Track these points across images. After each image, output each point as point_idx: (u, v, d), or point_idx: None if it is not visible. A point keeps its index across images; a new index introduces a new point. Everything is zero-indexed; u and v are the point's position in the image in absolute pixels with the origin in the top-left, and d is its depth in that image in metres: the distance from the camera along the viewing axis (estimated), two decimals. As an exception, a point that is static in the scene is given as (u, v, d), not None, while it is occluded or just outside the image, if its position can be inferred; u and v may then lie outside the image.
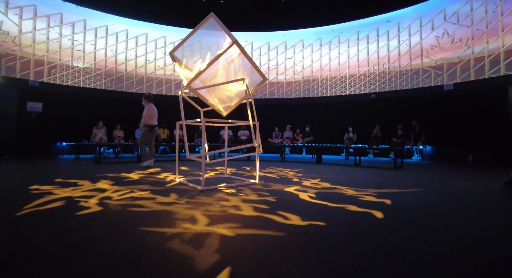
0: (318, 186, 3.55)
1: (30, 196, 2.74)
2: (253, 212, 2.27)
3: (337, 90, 10.78)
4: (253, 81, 4.06)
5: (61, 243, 1.54)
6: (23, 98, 8.42)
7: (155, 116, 5.72)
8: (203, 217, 2.10)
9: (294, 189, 3.36)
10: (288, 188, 3.43)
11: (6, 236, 1.66)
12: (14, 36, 8.39)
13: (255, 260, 1.36)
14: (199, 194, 2.99)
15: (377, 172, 5.30)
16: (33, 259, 1.34)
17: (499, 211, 2.46)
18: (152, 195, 2.91)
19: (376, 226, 1.95)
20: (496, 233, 1.85)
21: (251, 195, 2.98)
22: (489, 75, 7.73)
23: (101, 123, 9.12)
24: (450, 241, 1.66)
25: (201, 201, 2.67)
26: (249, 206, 2.45)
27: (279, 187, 3.50)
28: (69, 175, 4.25)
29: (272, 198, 2.81)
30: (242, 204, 2.54)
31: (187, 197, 2.85)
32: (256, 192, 3.13)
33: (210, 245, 1.54)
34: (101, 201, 2.59)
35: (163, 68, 11.07)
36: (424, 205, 2.57)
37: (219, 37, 3.65)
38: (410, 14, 9.48)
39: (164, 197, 2.80)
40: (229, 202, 2.64)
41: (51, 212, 2.20)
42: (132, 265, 1.29)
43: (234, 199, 2.75)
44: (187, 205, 2.48)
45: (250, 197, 2.88)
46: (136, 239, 1.63)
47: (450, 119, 8.35)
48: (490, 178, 4.58)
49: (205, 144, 3.80)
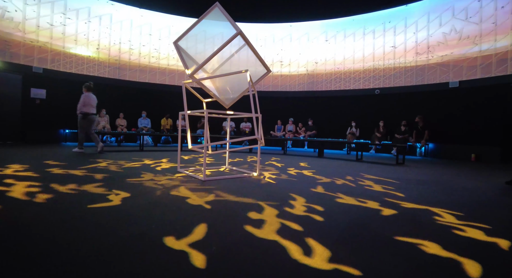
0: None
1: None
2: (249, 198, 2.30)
3: (341, 85, 10.70)
4: (257, 73, 4.03)
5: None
6: (27, 84, 8.44)
7: (90, 105, 6.11)
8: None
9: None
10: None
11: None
12: (18, 22, 8.34)
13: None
14: (202, 185, 3.01)
15: (378, 167, 5.31)
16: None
17: (499, 209, 2.46)
18: (154, 183, 2.94)
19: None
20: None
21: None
22: (496, 73, 7.63)
23: (104, 112, 9.15)
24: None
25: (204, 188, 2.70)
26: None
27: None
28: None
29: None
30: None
31: (191, 187, 2.88)
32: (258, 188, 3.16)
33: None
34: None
35: (167, 57, 11.01)
36: (421, 200, 2.58)
37: (224, 27, 3.61)
38: (418, 9, 9.31)
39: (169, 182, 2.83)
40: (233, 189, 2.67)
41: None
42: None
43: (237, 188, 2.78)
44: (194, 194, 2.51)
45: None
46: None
47: (454, 117, 8.30)
48: (493, 177, 4.58)
49: (208, 135, 3.81)
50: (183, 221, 1.77)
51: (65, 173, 3.31)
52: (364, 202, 2.47)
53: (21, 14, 8.39)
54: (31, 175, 3.06)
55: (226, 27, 3.53)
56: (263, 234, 1.60)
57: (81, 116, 6.06)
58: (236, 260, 1.26)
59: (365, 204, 2.39)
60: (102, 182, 2.89)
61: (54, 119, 8.75)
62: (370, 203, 2.43)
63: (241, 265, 1.21)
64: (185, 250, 1.33)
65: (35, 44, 8.65)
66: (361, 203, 2.43)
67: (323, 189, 3.00)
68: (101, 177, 3.19)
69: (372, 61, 10.20)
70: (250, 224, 1.75)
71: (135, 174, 3.48)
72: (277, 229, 1.69)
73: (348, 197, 2.65)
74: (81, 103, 6.05)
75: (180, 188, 2.79)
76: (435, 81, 8.79)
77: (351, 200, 2.51)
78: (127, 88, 10.27)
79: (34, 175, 3.11)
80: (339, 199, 2.54)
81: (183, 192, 2.62)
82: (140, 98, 10.45)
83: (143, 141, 7.86)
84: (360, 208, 2.28)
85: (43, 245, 1.33)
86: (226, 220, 1.85)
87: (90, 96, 6.16)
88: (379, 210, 2.23)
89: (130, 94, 10.32)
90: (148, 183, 2.97)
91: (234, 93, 4.11)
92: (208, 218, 1.86)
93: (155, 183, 2.99)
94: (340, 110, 10.53)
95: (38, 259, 1.19)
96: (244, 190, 2.80)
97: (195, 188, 2.81)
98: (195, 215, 1.92)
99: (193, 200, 2.33)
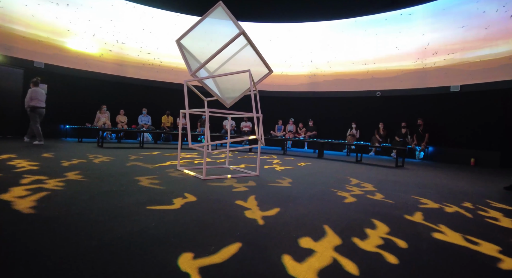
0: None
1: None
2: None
3: (342, 86, 10.67)
4: (259, 72, 4.03)
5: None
6: (28, 79, 8.41)
7: (37, 98, 6.26)
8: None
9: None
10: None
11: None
12: (19, 16, 8.31)
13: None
14: (202, 183, 3.02)
15: (377, 169, 5.31)
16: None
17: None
18: (152, 183, 2.94)
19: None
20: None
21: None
22: (497, 78, 7.61)
23: (105, 108, 9.15)
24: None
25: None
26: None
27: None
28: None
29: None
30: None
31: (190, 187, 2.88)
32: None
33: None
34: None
35: (169, 55, 10.99)
36: (418, 204, 2.58)
37: (226, 26, 3.60)
38: (422, 12, 9.29)
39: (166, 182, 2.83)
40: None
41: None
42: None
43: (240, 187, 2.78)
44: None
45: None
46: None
47: (454, 121, 8.30)
48: (491, 181, 4.58)
49: (208, 134, 3.81)
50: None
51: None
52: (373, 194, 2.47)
53: (24, 8, 8.37)
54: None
55: (229, 26, 3.53)
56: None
57: (29, 110, 6.21)
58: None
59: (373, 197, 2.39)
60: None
61: (54, 114, 8.74)
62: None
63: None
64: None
65: (37, 39, 8.63)
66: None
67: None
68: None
69: (373, 63, 10.19)
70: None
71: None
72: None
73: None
74: (28, 98, 6.20)
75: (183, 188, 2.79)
76: (436, 84, 8.78)
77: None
78: (128, 85, 10.27)
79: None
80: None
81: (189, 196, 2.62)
82: (141, 95, 10.44)
83: (143, 138, 7.86)
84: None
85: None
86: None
87: (37, 90, 6.33)
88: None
89: (131, 91, 10.31)
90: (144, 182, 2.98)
91: (236, 93, 4.10)
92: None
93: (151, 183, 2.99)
94: (341, 111, 10.52)
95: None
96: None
97: (197, 189, 2.81)
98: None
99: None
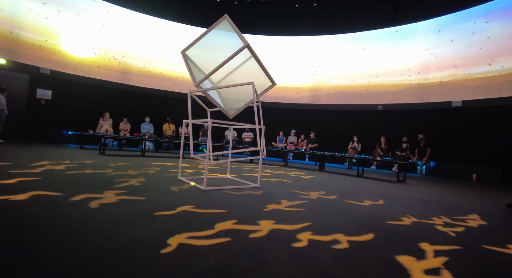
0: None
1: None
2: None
3: (344, 99, 10.73)
4: (262, 84, 4.07)
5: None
6: (34, 84, 8.54)
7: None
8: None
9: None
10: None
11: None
12: (25, 22, 8.48)
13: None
14: (203, 194, 3.00)
15: (378, 184, 5.28)
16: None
17: (498, 230, 2.43)
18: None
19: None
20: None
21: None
22: (500, 94, 7.65)
23: (107, 115, 9.21)
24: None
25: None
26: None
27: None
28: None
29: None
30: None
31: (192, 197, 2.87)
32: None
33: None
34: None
35: (174, 64, 11.13)
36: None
37: (231, 38, 3.67)
38: (424, 28, 9.43)
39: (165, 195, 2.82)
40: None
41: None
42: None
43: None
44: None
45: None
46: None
47: (456, 136, 8.29)
48: (493, 198, 4.54)
49: (210, 144, 3.82)
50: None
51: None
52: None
53: (32, 15, 8.55)
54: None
55: (234, 38, 3.59)
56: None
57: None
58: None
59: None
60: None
61: (57, 120, 8.82)
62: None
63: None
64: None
65: (44, 46, 8.77)
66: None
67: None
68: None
69: (375, 77, 10.27)
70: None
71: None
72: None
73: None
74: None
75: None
76: (438, 100, 8.82)
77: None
78: (131, 93, 10.36)
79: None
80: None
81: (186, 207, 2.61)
82: (144, 103, 10.52)
83: (144, 146, 7.88)
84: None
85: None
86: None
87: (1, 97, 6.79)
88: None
89: (134, 99, 10.40)
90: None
91: (239, 104, 4.14)
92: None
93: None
94: (343, 124, 10.55)
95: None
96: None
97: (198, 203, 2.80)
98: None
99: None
